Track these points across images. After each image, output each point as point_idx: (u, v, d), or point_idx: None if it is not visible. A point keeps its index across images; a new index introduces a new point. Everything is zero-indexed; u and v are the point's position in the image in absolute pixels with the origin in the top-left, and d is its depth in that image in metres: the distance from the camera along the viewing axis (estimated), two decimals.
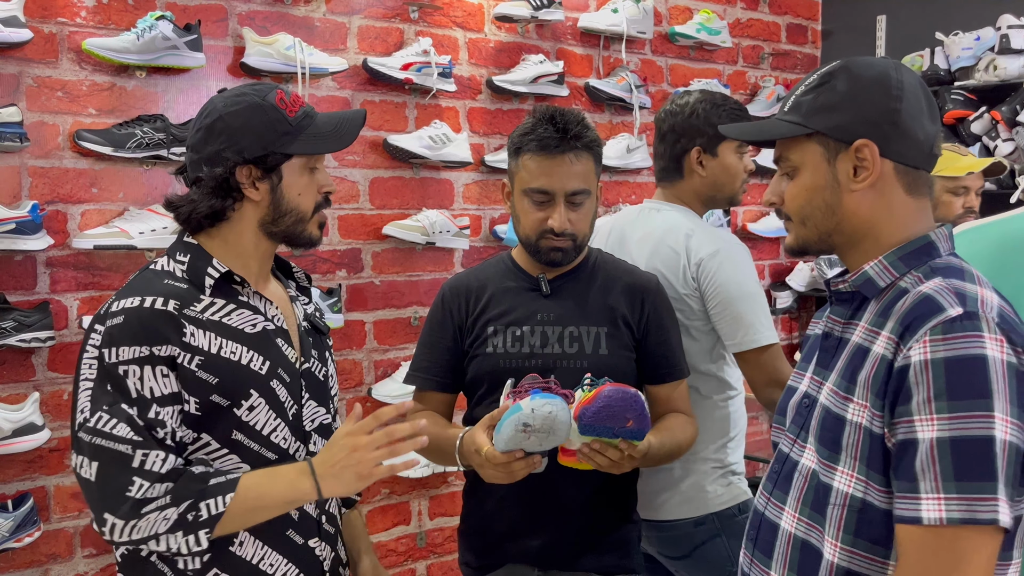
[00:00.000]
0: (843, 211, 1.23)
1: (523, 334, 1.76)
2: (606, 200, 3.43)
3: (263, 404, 1.44)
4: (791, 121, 1.25)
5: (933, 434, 1.05)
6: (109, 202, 2.45)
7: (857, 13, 4.02)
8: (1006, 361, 1.06)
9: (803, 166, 1.25)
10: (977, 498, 1.03)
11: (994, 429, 1.04)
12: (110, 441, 1.33)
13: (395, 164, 2.94)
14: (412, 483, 2.99)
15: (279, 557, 1.47)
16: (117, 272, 2.45)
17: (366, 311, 2.92)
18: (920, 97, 1.23)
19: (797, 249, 1.30)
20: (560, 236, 1.72)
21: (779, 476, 1.30)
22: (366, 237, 2.90)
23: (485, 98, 3.13)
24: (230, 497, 1.35)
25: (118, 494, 1.32)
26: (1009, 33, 3.33)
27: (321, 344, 1.63)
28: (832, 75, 1.23)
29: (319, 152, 1.49)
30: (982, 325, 1.08)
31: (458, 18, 3.07)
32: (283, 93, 1.48)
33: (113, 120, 2.43)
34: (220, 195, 1.44)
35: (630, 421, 1.51)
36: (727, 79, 3.80)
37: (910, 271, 1.20)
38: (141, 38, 2.38)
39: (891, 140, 1.20)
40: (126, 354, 1.35)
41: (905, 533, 1.08)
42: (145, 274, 1.47)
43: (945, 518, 1.04)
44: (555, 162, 1.71)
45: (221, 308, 1.45)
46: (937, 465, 1.04)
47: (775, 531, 1.27)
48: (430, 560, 3.07)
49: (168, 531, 1.33)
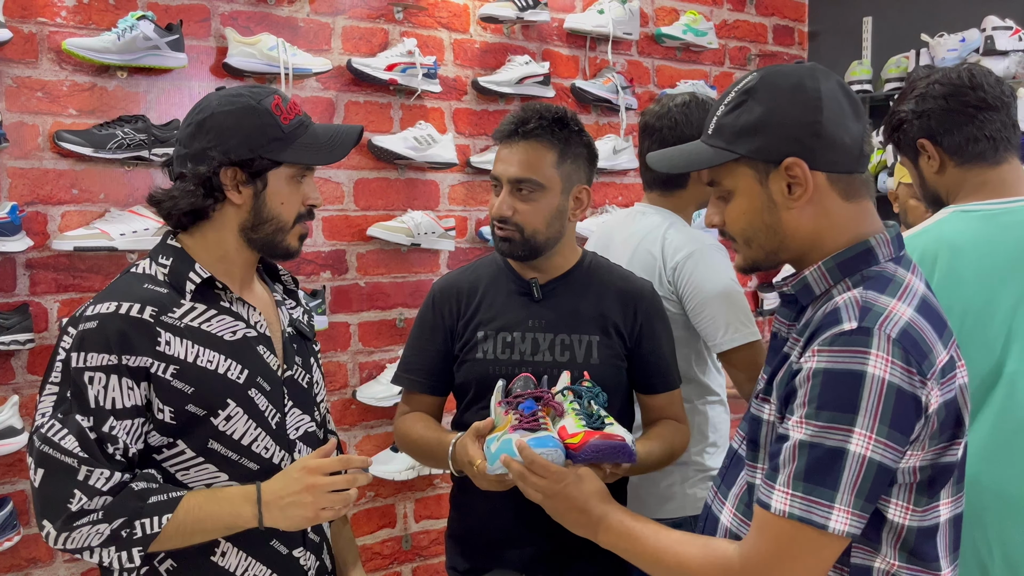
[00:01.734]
0: (784, 229, 1.23)
1: (514, 340, 1.74)
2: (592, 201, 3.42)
3: (240, 413, 1.42)
4: (716, 146, 1.24)
5: (799, 435, 1.12)
6: (90, 203, 2.43)
7: (843, 14, 4.03)
8: (887, 380, 1.09)
9: (736, 190, 1.25)
10: (815, 501, 1.10)
11: (849, 443, 1.09)
12: (57, 452, 1.32)
13: (380, 165, 2.92)
14: (397, 486, 2.98)
15: (262, 568, 1.45)
16: (98, 274, 2.43)
17: (351, 313, 2.90)
18: (841, 101, 1.21)
19: (747, 268, 1.31)
20: (503, 225, 1.71)
21: (726, 471, 1.34)
22: (351, 238, 2.89)
23: (471, 99, 3.12)
24: (167, 518, 1.33)
25: (58, 504, 1.31)
26: (994, 34, 3.34)
27: (306, 350, 1.60)
28: (748, 93, 1.22)
29: (309, 163, 1.47)
30: (871, 341, 1.10)
31: (443, 19, 3.06)
32: (280, 99, 1.45)
33: (94, 121, 2.41)
34: (201, 193, 1.42)
35: (617, 462, 1.48)
36: (714, 80, 3.80)
37: (844, 279, 1.21)
38: (122, 38, 2.36)
39: (817, 152, 1.19)
40: (93, 360, 1.34)
41: (758, 513, 1.16)
42: (126, 277, 1.44)
43: (788, 512, 1.11)
44: (506, 149, 1.72)
45: (201, 314, 1.42)
46: (794, 463, 1.12)
47: (716, 524, 1.31)
48: (416, 563, 3.05)
49: (101, 545, 1.32)
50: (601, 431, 1.46)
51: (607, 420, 1.51)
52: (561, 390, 1.58)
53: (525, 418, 1.48)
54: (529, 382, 1.60)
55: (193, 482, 1.41)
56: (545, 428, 1.46)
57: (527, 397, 1.53)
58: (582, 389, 1.57)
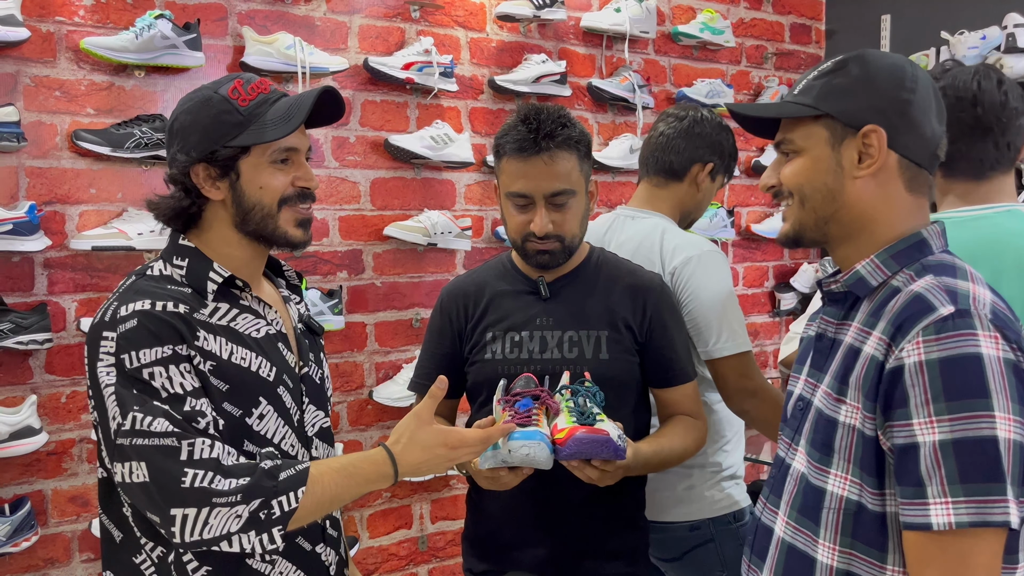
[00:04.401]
0: (844, 198, 1.21)
1: (522, 339, 1.73)
2: (609, 201, 3.41)
3: (271, 412, 1.40)
4: (800, 103, 1.23)
5: (935, 437, 1.03)
6: (107, 203, 2.42)
7: (861, 12, 4.00)
8: (1002, 358, 1.04)
9: (806, 149, 1.23)
10: (986, 500, 1.02)
11: (996, 428, 1.02)
12: (153, 439, 1.25)
13: (396, 164, 2.91)
14: (414, 486, 2.96)
15: (288, 565, 1.43)
16: (116, 273, 2.42)
17: (367, 313, 2.89)
18: (931, 96, 1.21)
19: (792, 236, 1.26)
20: (544, 239, 1.67)
21: (775, 481, 1.29)
22: (367, 238, 2.88)
23: (487, 98, 3.11)
24: (302, 491, 1.28)
25: (175, 486, 1.24)
26: (1016, 32, 3.30)
27: (316, 346, 1.59)
28: (847, 62, 1.22)
29: (266, 140, 1.38)
30: (975, 323, 1.06)
31: (460, 17, 3.05)
32: (241, 82, 1.40)
33: (111, 120, 2.41)
34: (180, 196, 1.40)
35: (603, 458, 1.48)
36: (731, 79, 3.78)
37: (902, 269, 1.18)
38: (140, 37, 2.36)
39: (899, 131, 1.18)
40: (147, 356, 1.28)
41: (914, 539, 1.07)
42: (145, 280, 1.39)
43: (954, 522, 1.02)
44: (531, 164, 1.64)
45: (226, 313, 1.40)
46: (942, 469, 1.03)
47: (769, 536, 1.26)
48: (432, 564, 3.04)
49: (240, 530, 1.25)
50: (588, 426, 1.46)
51: (599, 417, 1.51)
52: (559, 389, 1.59)
53: (519, 415, 1.49)
54: (530, 381, 1.60)
55: None
56: (536, 424, 1.47)
57: (525, 395, 1.54)
58: (579, 388, 1.58)
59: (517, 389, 1.58)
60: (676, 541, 1.98)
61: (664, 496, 1.97)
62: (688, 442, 1.74)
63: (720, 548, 1.97)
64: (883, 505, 1.11)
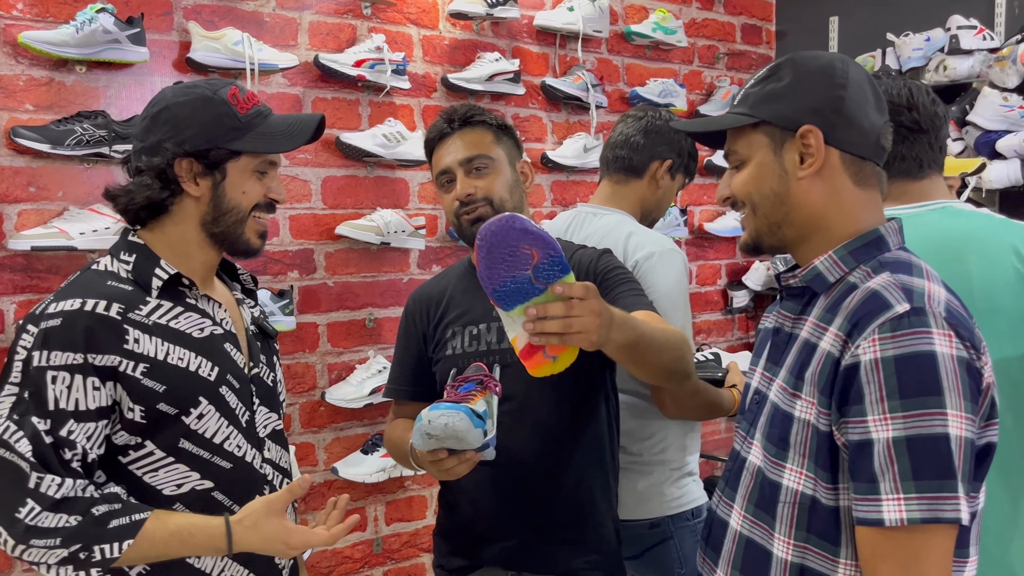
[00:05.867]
0: (792, 200, 1.22)
1: (479, 332, 1.75)
2: (564, 200, 3.41)
3: (212, 411, 1.40)
4: (739, 112, 1.26)
5: (889, 434, 1.05)
6: (48, 201, 2.35)
7: (810, 14, 4.06)
8: (956, 356, 1.06)
9: (751, 157, 1.25)
10: (938, 497, 1.03)
11: (948, 426, 1.04)
12: (10, 454, 1.27)
13: (348, 163, 2.88)
14: (368, 488, 2.93)
15: (239, 567, 1.44)
16: (56, 275, 2.36)
17: (319, 313, 2.85)
18: (866, 89, 1.24)
19: (751, 244, 1.29)
20: (470, 204, 1.73)
21: (731, 474, 1.30)
22: (319, 237, 2.84)
23: (440, 96, 3.09)
24: (128, 543, 1.29)
25: (10, 511, 1.27)
26: (959, 34, 3.38)
27: (269, 348, 1.60)
28: (779, 67, 1.25)
29: (267, 151, 1.44)
30: (930, 321, 1.07)
31: (412, 15, 3.02)
32: (237, 90, 1.43)
33: (52, 116, 2.34)
34: (158, 187, 1.39)
35: (531, 250, 1.25)
36: (683, 79, 3.81)
37: (859, 266, 1.19)
38: (80, 31, 2.30)
39: (836, 127, 1.20)
40: (58, 359, 1.29)
41: (867, 535, 1.08)
42: (87, 274, 1.40)
43: (907, 519, 1.03)
44: (447, 144, 1.77)
45: (168, 311, 1.39)
46: (895, 465, 1.04)
47: (725, 529, 1.27)
48: (387, 566, 3.01)
49: (58, 564, 1.28)
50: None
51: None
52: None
53: (456, 394, 1.50)
54: (480, 370, 1.61)
55: (163, 483, 1.38)
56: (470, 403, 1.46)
57: (470, 380, 1.55)
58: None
59: (467, 375, 1.60)
60: (635, 539, 1.98)
61: (623, 494, 1.97)
62: (667, 330, 1.55)
63: (679, 545, 1.98)
64: (836, 499, 1.13)
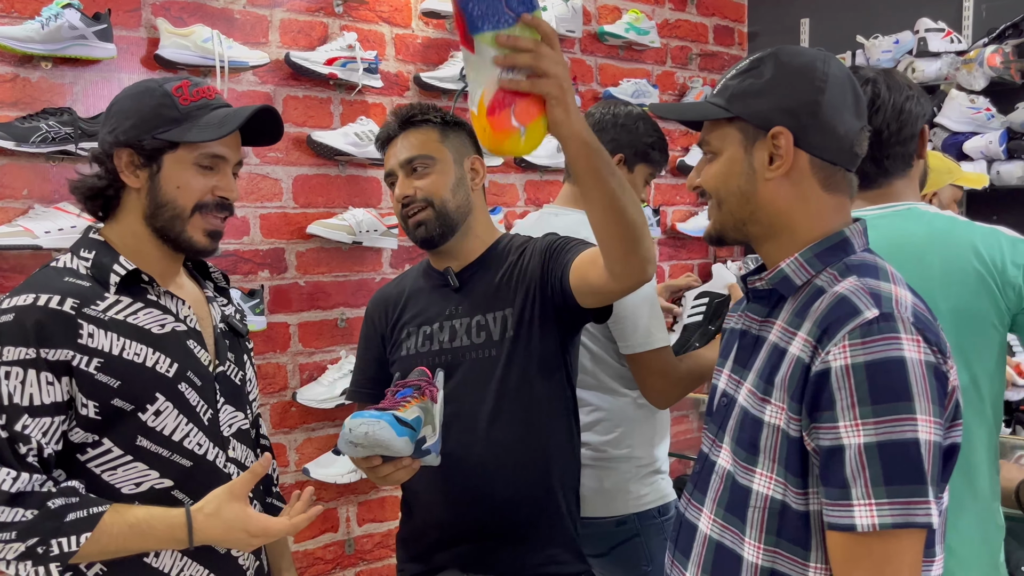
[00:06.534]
0: (758, 200, 1.21)
1: (432, 332, 1.74)
2: (537, 200, 3.41)
3: (170, 408, 1.38)
4: (716, 104, 1.24)
5: (860, 440, 1.05)
6: (12, 200, 2.32)
7: (782, 16, 4.10)
8: (924, 360, 1.06)
9: (722, 150, 1.24)
10: (909, 502, 1.03)
11: (918, 431, 1.04)
12: None
13: (320, 161, 2.86)
14: (340, 489, 2.91)
15: (200, 568, 1.42)
16: (21, 274, 2.32)
17: (290, 313, 2.83)
18: (846, 91, 1.21)
19: (715, 235, 1.28)
20: (411, 206, 1.72)
21: (699, 477, 1.29)
22: (289, 236, 2.82)
23: (412, 95, 3.08)
24: (85, 537, 1.28)
25: None
26: (927, 36, 3.42)
27: (239, 347, 1.58)
28: (761, 61, 1.22)
29: (193, 140, 1.39)
30: (899, 326, 1.07)
31: (384, 13, 3.01)
32: (188, 83, 1.42)
33: (16, 113, 2.30)
34: (99, 176, 1.41)
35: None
36: (656, 79, 3.82)
37: (825, 268, 1.19)
38: (46, 27, 2.26)
39: (809, 131, 1.18)
40: (10, 355, 1.28)
41: (838, 540, 1.08)
42: (45, 271, 1.39)
43: (878, 524, 1.03)
44: (392, 146, 1.77)
45: (127, 307, 1.38)
46: (867, 471, 1.04)
47: (693, 532, 1.26)
48: (359, 567, 2.99)
49: (16, 559, 1.27)
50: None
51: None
52: None
53: (391, 400, 1.48)
54: (422, 374, 1.60)
55: (122, 482, 1.36)
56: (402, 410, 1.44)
57: (409, 385, 1.54)
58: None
59: (407, 380, 1.58)
60: (602, 537, 1.98)
61: (590, 491, 1.97)
62: None
63: (646, 543, 1.98)
64: (806, 504, 1.12)
